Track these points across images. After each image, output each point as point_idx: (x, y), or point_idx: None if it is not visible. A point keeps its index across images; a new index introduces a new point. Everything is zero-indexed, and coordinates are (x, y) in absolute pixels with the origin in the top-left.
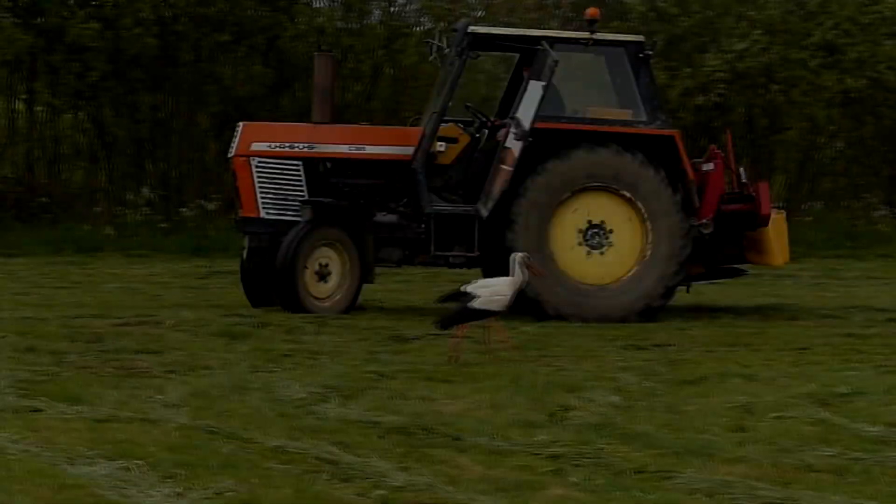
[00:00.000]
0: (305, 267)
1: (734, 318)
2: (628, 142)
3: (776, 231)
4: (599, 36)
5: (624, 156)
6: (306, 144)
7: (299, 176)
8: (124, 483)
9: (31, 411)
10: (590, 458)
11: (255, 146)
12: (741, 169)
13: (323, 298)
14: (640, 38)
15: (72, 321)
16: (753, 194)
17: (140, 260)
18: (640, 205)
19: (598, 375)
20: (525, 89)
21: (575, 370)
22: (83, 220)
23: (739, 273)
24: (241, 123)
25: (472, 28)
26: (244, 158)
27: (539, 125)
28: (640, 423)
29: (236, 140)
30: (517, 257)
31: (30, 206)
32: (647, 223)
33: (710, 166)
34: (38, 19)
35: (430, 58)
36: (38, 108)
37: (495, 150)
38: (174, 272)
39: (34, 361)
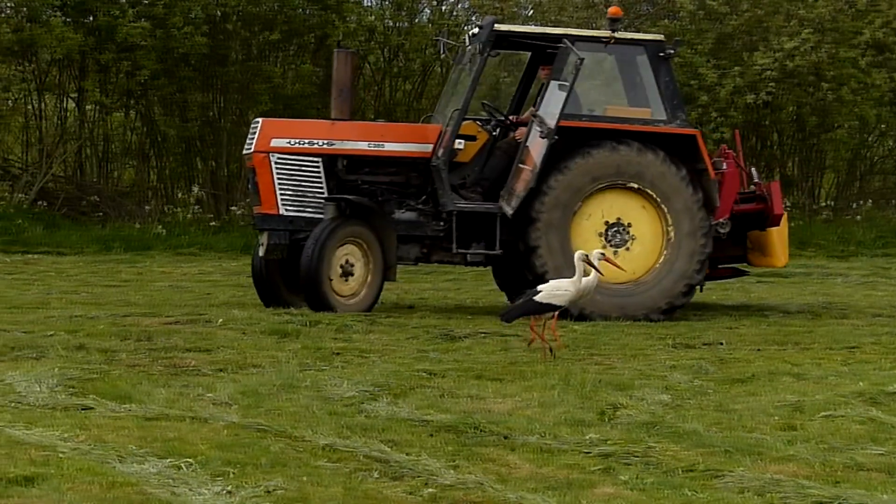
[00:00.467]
0: (330, 265)
1: (783, 316)
2: (650, 141)
3: (780, 232)
4: (620, 35)
5: (646, 154)
6: (325, 141)
7: (318, 173)
8: (174, 481)
9: (81, 409)
10: (639, 456)
11: (275, 142)
12: (752, 169)
13: (347, 296)
14: (660, 37)
15: (122, 319)
16: (765, 194)
17: (190, 258)
18: (661, 204)
19: (648, 374)
20: (547, 87)
21: (624, 369)
22: (133, 218)
23: (741, 274)
24: (259, 119)
25: (497, 26)
26: (263, 155)
27: (562, 123)
28: (689, 422)
29: (255, 136)
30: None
31: (80, 204)
32: (669, 222)
33: (723, 166)
34: (89, 18)
35: (442, 55)
36: (89, 107)
37: (512, 148)
38: (224, 270)
39: (84, 359)
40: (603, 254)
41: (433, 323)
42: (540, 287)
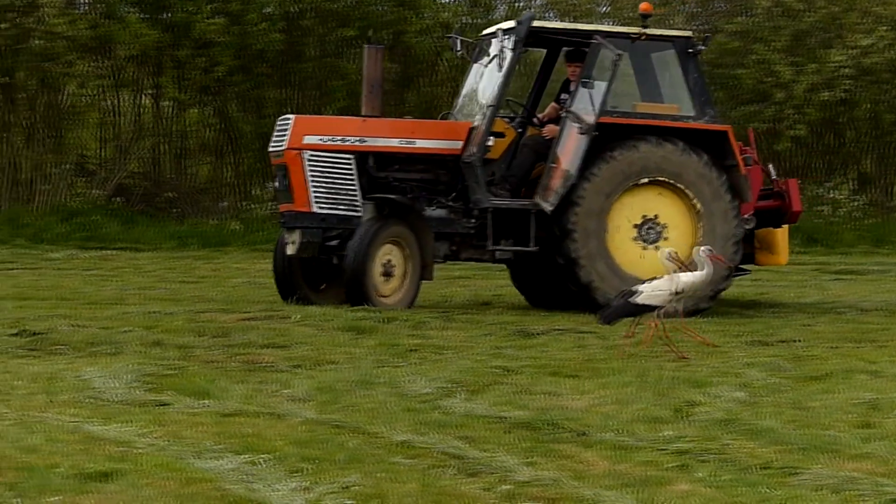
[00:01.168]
0: (374, 264)
1: (860, 314)
2: (682, 137)
3: (784, 230)
4: (650, 31)
5: (690, 154)
6: (358, 138)
7: (351, 170)
8: (251, 477)
9: (158, 405)
10: (715, 453)
11: (307, 139)
12: (769, 165)
13: (387, 296)
14: (688, 33)
15: (198, 315)
16: (783, 191)
17: (266, 254)
18: (690, 193)
19: (724, 371)
20: (583, 84)
21: (700, 366)
22: (209, 214)
23: (744, 273)
24: (292, 116)
25: (535, 22)
26: (296, 152)
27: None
28: (765, 419)
29: (287, 133)
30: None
31: (156, 200)
32: (702, 220)
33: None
34: (165, 15)
35: (458, 53)
36: (165, 103)
37: (539, 144)
38: None
39: (161, 356)
40: (710, 249)
41: (509, 319)
42: (638, 287)
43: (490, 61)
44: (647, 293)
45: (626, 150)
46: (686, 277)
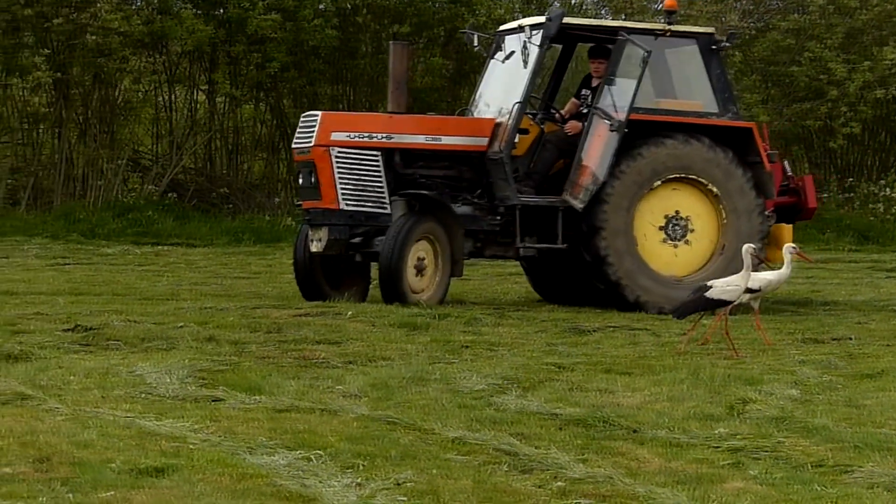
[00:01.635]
0: (408, 261)
1: None
2: (707, 133)
3: (790, 227)
4: (675, 28)
5: (716, 151)
6: (384, 135)
7: (378, 167)
8: (304, 473)
9: (211, 401)
10: (769, 451)
11: (335, 136)
12: (785, 162)
13: (419, 292)
14: (712, 29)
15: (252, 311)
16: (798, 188)
17: None
18: (716, 190)
19: (777, 369)
20: (610, 81)
21: (753, 363)
22: (263, 210)
23: None
24: (318, 113)
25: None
26: (324, 149)
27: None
28: (819, 417)
29: (315, 130)
30: (747, 248)
31: (210, 196)
32: (728, 217)
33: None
34: (219, 10)
35: (475, 48)
36: (219, 99)
37: (562, 141)
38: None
39: (214, 351)
40: (795, 247)
41: (562, 316)
42: (710, 283)
43: (507, 57)
44: (721, 288)
45: (654, 146)
46: (766, 276)
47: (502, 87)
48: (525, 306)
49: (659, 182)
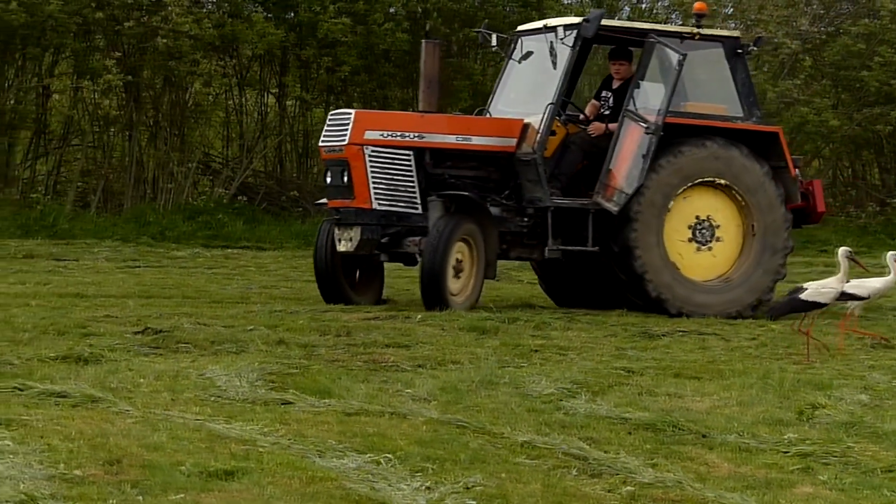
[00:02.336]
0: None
1: None
2: (732, 137)
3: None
4: (704, 31)
5: (730, 150)
6: (416, 134)
7: (410, 166)
8: (373, 476)
9: (281, 404)
10: (838, 456)
11: (368, 135)
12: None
13: (456, 294)
14: (737, 33)
15: (321, 315)
16: (808, 191)
17: None
18: (747, 200)
19: (847, 374)
20: (639, 84)
21: (823, 368)
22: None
23: None
24: (351, 111)
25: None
26: (358, 147)
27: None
28: (888, 422)
29: (349, 128)
30: (844, 252)
31: (280, 199)
32: (753, 218)
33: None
34: (290, 14)
35: (493, 48)
36: (289, 103)
37: (586, 143)
38: None
39: (284, 354)
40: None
41: (632, 321)
42: (805, 284)
43: (524, 58)
44: (815, 290)
45: (695, 147)
46: (873, 284)
47: (527, 88)
48: (595, 310)
49: (691, 184)
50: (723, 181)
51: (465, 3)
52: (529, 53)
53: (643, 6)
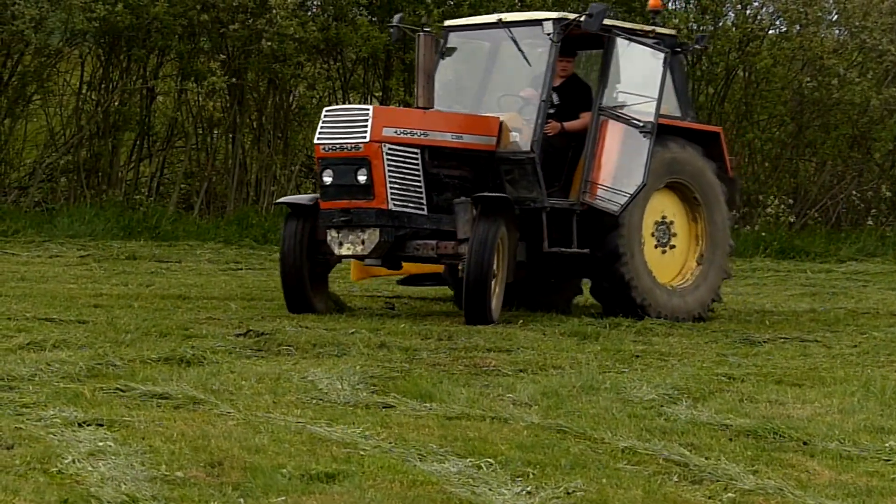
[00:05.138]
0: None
1: None
2: (687, 137)
3: None
4: (659, 29)
5: (707, 160)
6: (422, 131)
7: (418, 165)
8: (474, 481)
9: (382, 407)
10: None
11: (385, 132)
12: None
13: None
14: (673, 31)
15: (423, 318)
16: None
17: None
18: (700, 199)
19: None
20: (607, 82)
21: None
22: None
23: None
24: (369, 106)
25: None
26: (378, 145)
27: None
28: None
29: (369, 125)
30: None
31: None
32: (705, 218)
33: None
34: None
35: (395, 40)
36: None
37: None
38: None
39: (386, 358)
40: None
41: (733, 327)
42: None
43: (447, 53)
44: None
45: (660, 147)
46: None
47: (500, 85)
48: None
49: (661, 184)
50: (684, 181)
51: (567, 7)
52: (453, 49)
53: (748, 11)
